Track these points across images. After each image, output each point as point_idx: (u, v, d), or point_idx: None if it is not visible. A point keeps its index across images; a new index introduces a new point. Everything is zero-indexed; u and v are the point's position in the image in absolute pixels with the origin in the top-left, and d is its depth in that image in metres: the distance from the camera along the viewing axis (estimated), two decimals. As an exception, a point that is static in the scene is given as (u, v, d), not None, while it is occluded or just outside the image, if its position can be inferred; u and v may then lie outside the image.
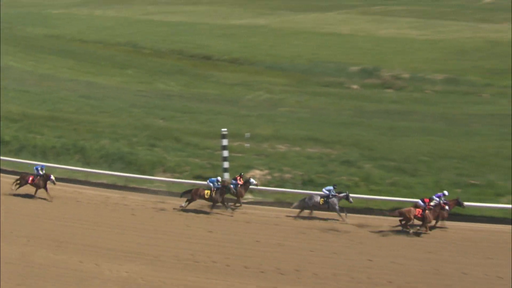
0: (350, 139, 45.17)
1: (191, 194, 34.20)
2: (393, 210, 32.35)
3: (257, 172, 38.41)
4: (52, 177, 35.44)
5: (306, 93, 64.75)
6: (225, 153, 37.76)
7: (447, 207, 31.81)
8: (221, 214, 33.80)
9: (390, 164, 39.84)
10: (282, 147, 43.33)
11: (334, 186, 33.73)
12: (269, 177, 37.87)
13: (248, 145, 42.78)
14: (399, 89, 67.64)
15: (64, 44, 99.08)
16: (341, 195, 33.11)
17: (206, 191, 33.99)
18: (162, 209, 34.46)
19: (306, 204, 33.40)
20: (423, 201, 31.78)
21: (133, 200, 35.67)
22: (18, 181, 36.00)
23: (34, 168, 36.12)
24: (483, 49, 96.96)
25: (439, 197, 32.03)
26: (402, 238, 30.83)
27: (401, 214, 31.60)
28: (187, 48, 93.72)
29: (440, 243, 30.35)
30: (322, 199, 33.06)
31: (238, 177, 35.12)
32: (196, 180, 37.58)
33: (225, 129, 38.25)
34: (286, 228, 32.05)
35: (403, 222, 31.54)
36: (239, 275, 27.02)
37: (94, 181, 38.53)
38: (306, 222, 32.71)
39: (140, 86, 69.43)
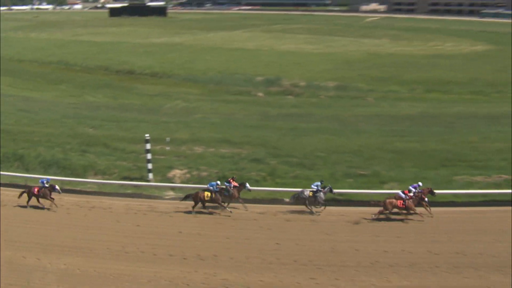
0: (257, 139, 45.31)
1: (193, 197, 32.94)
2: (378, 201, 32.14)
3: (177, 172, 38.02)
4: (57, 187, 33.72)
5: (218, 101, 64.72)
6: (149, 156, 37.23)
7: (424, 196, 32.04)
8: (146, 210, 33.29)
9: (293, 160, 40.10)
10: (198, 149, 43.04)
11: (321, 181, 33.31)
12: (188, 175, 37.52)
13: (169, 148, 42.42)
14: (298, 96, 68.36)
15: (3, 63, 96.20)
16: (325, 189, 32.77)
17: (206, 193, 32.80)
18: (94, 207, 33.63)
19: (300, 199, 32.82)
20: (403, 193, 31.85)
21: (68, 201, 34.62)
22: (26, 193, 33.86)
23: (40, 181, 34.19)
24: (366, 60, 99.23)
25: (415, 187, 32.29)
26: (304, 224, 31.04)
27: (383, 205, 31.51)
28: (112, 65, 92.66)
29: (335, 226, 30.71)
30: (311, 193, 32.64)
31: (231, 180, 33.96)
32: (124, 180, 36.99)
33: (148, 135, 37.74)
34: (204, 219, 31.80)
35: (385, 211, 31.48)
36: (165, 262, 26.70)
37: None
38: (221, 213, 32.52)
39: (72, 99, 68.03)
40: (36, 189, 33.63)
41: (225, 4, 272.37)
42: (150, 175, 37.16)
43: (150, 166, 37.32)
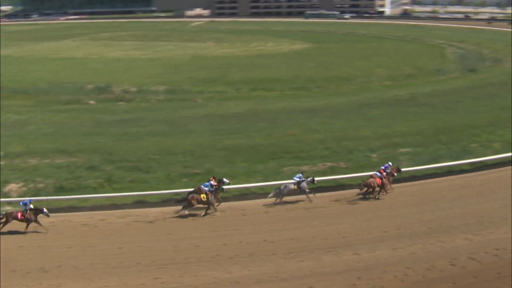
0: (91, 147, 44.21)
1: (188, 200, 31.67)
2: (360, 184, 33.40)
3: (13, 186, 36.16)
4: (45, 209, 30.57)
5: (50, 111, 62.23)
6: (-19, 172, 35.32)
7: (395, 174, 34.15)
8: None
9: (128, 165, 39.53)
10: (33, 161, 41.18)
11: (302, 172, 33.84)
12: (24, 188, 35.78)
13: (3, 162, 40.39)
14: (129, 101, 67.36)
15: None
16: (308, 179, 33.19)
17: (202, 195, 31.69)
18: None
19: (282, 192, 32.79)
20: (379, 172, 33.39)
21: None
22: (3, 220, 30.20)
23: (21, 203, 30.85)
24: (193, 63, 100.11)
25: (386, 167, 33.97)
26: (144, 226, 30.66)
27: (367, 185, 32.85)
28: None
29: (175, 225, 30.72)
30: (296, 186, 32.75)
31: (212, 179, 32.95)
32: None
33: (-21, 151, 35.80)
34: (44, 231, 30.53)
35: (369, 190, 33.08)
36: (7, 278, 25.09)
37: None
38: (62, 223, 31.28)
39: None
40: (19, 214, 30.36)
41: (52, 15, 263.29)
42: (-15, 192, 35.19)
43: (-17, 182, 35.37)
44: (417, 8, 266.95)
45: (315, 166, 38.36)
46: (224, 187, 33.08)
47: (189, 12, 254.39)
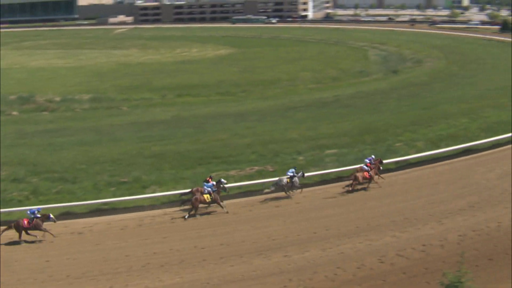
0: (16, 159, 43.10)
1: (192, 202, 31.59)
2: (349, 176, 35.06)
3: None
4: (52, 215, 29.67)
5: (-29, 123, 60.56)
6: None
7: (381, 167, 35.47)
8: None
9: (54, 176, 38.68)
10: (-46, 175, 39.91)
11: (294, 168, 34.64)
12: None
13: None
14: (53, 111, 66.21)
15: None
16: (299, 174, 34.03)
17: (205, 196, 31.62)
18: None
19: (279, 186, 33.65)
20: (366, 165, 34.48)
21: None
22: (13, 228, 29.25)
23: (28, 212, 29.72)
24: (117, 70, 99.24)
25: (370, 160, 35.13)
26: (72, 237, 30.01)
27: (355, 178, 33.91)
28: None
29: (103, 235, 30.13)
30: (288, 179, 33.65)
31: (209, 179, 32.80)
32: None
33: None
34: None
35: (354, 183, 34.05)
36: None
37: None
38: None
39: None
40: (25, 221, 29.36)
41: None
42: None
43: None
44: (339, 12, 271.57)
45: (243, 171, 38.41)
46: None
47: (112, 19, 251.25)
